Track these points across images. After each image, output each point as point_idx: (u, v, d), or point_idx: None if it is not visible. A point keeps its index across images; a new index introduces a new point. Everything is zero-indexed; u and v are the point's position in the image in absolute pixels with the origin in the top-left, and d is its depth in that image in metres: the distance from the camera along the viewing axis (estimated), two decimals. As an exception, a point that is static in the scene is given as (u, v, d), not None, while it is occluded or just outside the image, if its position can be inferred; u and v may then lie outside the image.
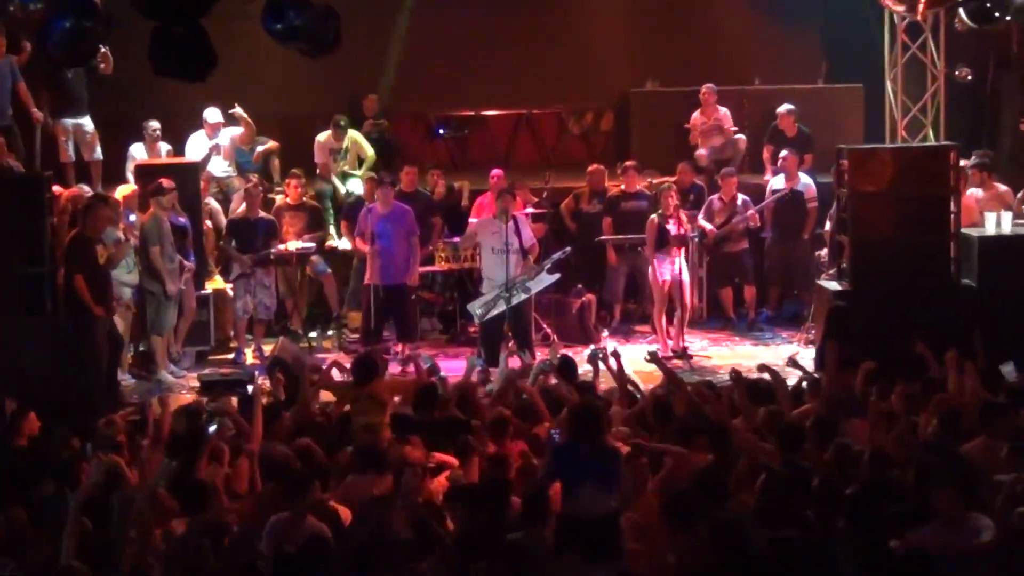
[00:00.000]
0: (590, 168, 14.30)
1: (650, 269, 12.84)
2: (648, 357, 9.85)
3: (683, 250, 12.66)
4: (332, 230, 13.85)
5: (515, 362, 10.46)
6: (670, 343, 12.77)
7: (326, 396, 9.70)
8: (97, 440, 7.85)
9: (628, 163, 14.05)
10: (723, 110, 15.05)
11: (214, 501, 6.86)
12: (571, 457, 6.97)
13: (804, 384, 9.68)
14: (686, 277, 12.67)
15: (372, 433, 8.30)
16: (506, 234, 11.90)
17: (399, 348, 12.63)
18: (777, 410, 8.33)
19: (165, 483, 7.14)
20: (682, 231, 12.61)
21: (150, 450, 7.60)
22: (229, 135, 14.24)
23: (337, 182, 14.26)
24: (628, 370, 9.71)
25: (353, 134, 14.53)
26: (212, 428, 7.61)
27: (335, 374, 9.78)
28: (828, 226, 13.17)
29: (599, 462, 6.92)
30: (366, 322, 12.50)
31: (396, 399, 8.96)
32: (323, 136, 14.50)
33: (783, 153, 13.91)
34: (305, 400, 8.93)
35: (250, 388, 9.78)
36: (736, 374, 8.92)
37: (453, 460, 7.62)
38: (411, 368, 9.87)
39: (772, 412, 8.23)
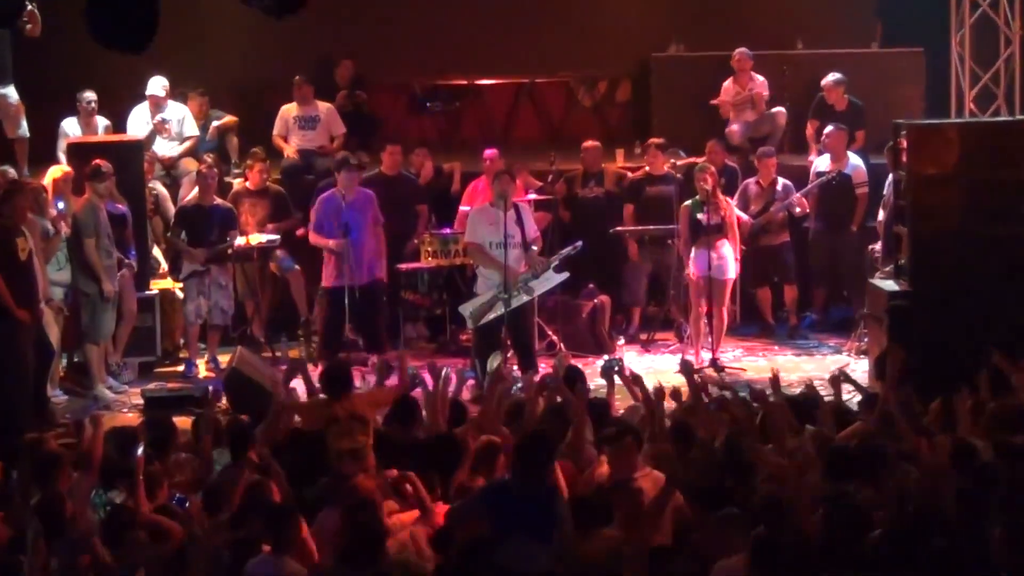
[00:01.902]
0: (584, 145, 14.29)
1: (688, 265, 12.81)
2: (680, 368, 9.79)
3: (724, 241, 12.62)
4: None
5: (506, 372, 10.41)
6: (704, 354, 12.76)
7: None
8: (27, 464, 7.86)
9: (654, 140, 14.05)
10: (760, 79, 15.06)
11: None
12: (501, 500, 6.98)
13: (854, 401, 9.67)
14: (731, 274, 12.66)
15: (358, 460, 8.31)
16: (505, 224, 11.89)
17: (373, 359, 12.62)
18: (822, 431, 8.31)
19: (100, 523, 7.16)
20: (720, 218, 12.58)
21: (80, 480, 7.58)
22: (178, 109, 14.22)
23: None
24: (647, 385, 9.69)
25: (327, 106, 14.59)
26: (139, 451, 7.61)
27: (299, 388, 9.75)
28: (882, 215, 13.17)
29: (534, 507, 6.90)
30: (330, 330, 12.50)
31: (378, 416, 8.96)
32: (288, 105, 14.54)
33: (828, 129, 13.90)
34: (275, 422, 8.91)
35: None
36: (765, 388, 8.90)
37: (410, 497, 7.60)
38: (393, 380, 9.89)
39: (817, 434, 8.22)
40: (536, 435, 7.44)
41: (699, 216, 12.72)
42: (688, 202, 12.88)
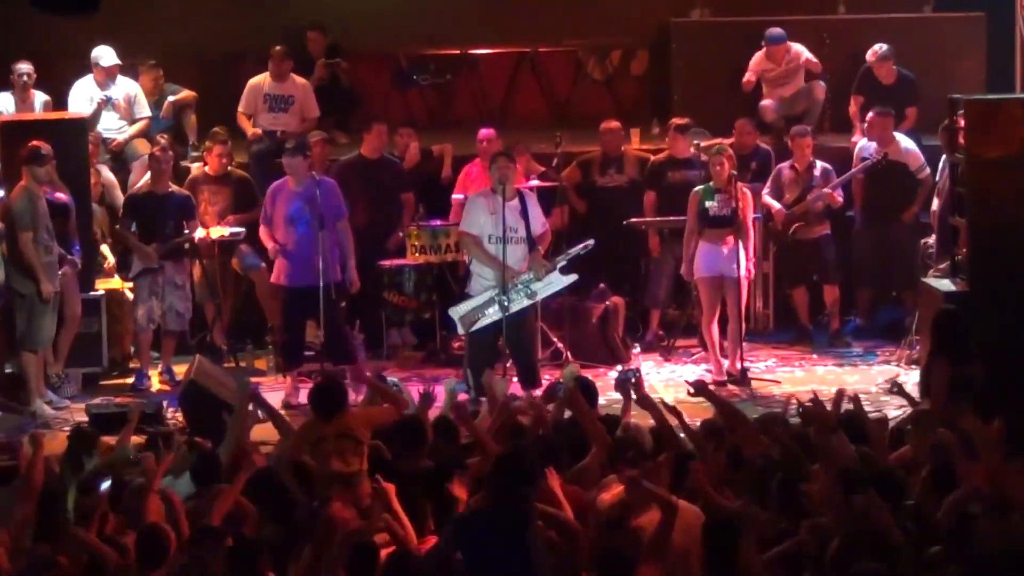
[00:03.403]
0: (604, 125, 14.24)
1: (686, 258, 12.81)
2: (692, 390, 9.72)
3: (736, 236, 12.62)
4: None
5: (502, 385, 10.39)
6: (724, 363, 12.77)
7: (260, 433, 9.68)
8: None
9: (675, 121, 14.02)
10: (797, 48, 15.03)
11: None
12: (476, 530, 6.94)
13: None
14: (744, 271, 12.64)
15: (352, 486, 8.30)
16: (504, 215, 11.86)
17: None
18: (870, 453, 8.30)
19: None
20: (732, 209, 12.55)
21: (19, 507, 7.58)
22: (127, 83, 14.21)
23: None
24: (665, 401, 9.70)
25: (303, 83, 14.61)
26: (105, 485, 7.61)
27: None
28: (936, 205, 13.14)
29: (512, 539, 6.86)
30: (288, 338, 12.48)
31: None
32: (260, 78, 14.54)
33: (871, 115, 13.81)
34: (238, 442, 8.90)
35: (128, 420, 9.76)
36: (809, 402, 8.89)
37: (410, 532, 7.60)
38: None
39: (865, 456, 8.21)
40: (514, 452, 7.37)
41: (708, 204, 12.69)
42: (699, 187, 12.84)
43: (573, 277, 12.28)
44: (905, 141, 13.88)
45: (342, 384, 9.29)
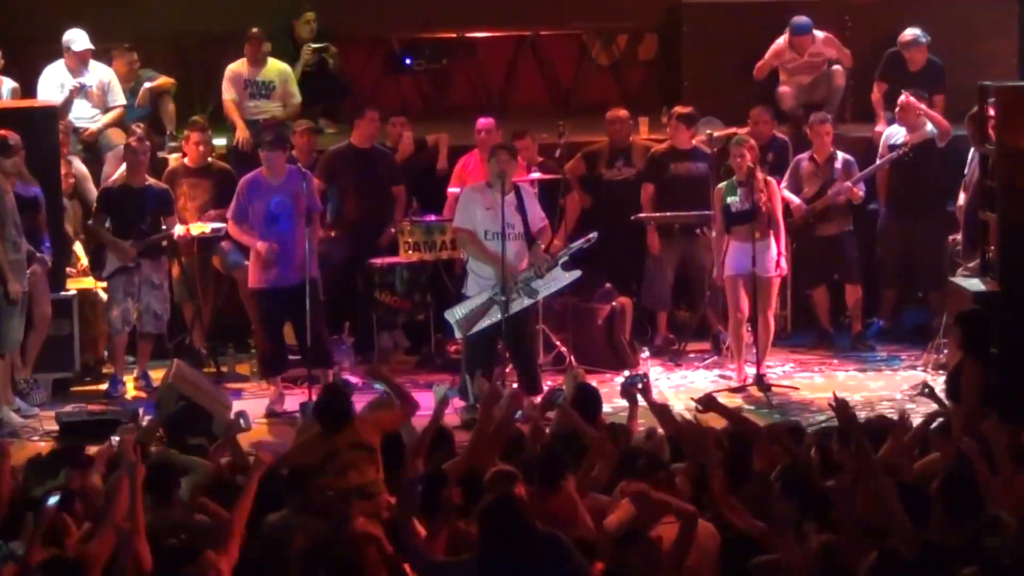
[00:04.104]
0: (610, 114, 14.26)
1: (718, 261, 12.81)
2: (699, 407, 9.56)
3: (762, 232, 12.61)
4: None
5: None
6: (748, 369, 12.76)
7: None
8: None
9: (677, 109, 14.03)
10: (824, 39, 14.95)
11: None
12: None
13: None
14: (775, 270, 12.64)
15: (370, 497, 8.32)
16: (503, 210, 11.88)
17: (345, 373, 12.67)
18: (894, 463, 8.30)
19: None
20: (755, 202, 12.56)
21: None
22: (101, 69, 14.21)
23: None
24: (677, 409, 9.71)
25: (282, 68, 14.61)
26: (52, 500, 7.62)
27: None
28: (963, 199, 13.15)
29: None
30: (270, 343, 12.49)
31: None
32: (238, 64, 14.55)
33: (903, 98, 13.83)
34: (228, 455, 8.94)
35: (113, 439, 9.78)
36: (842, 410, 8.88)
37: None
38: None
39: (890, 466, 8.20)
40: (504, 499, 7.20)
41: (730, 200, 12.69)
42: (722, 184, 12.84)
43: (576, 273, 12.26)
44: (935, 130, 13.85)
45: (347, 392, 9.29)
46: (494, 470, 7.98)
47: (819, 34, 14.99)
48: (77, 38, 14.07)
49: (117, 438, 9.94)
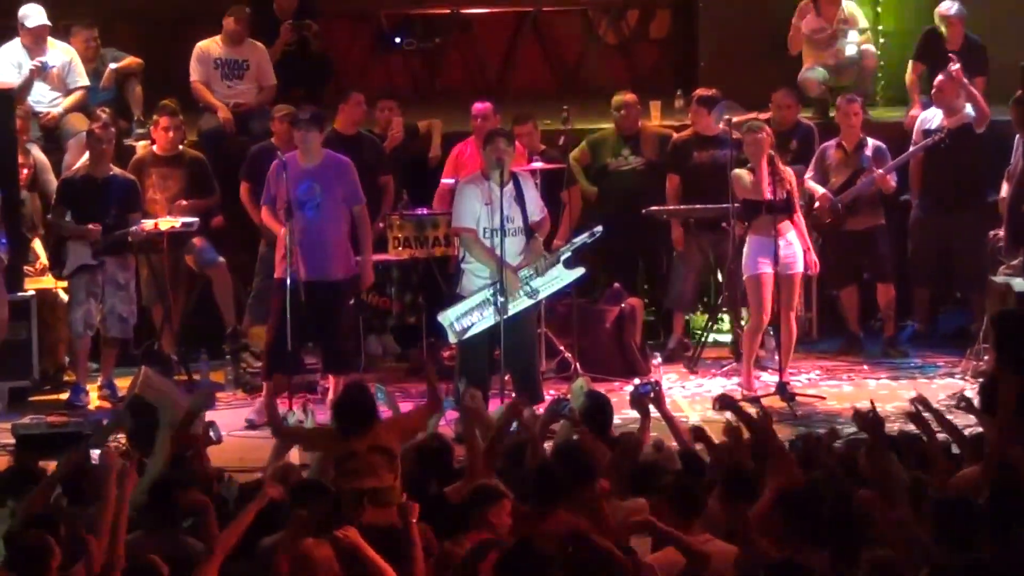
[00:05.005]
0: (617, 98, 14.23)
1: (744, 256, 12.77)
2: (717, 404, 9.70)
3: (788, 224, 12.60)
4: None
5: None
6: (765, 376, 12.77)
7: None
8: None
9: (702, 91, 14.03)
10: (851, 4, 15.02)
11: None
12: None
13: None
14: (801, 267, 12.63)
15: (384, 504, 8.34)
16: (501, 203, 11.86)
17: (329, 382, 12.64)
18: (925, 478, 8.30)
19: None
20: (785, 193, 12.53)
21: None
22: (62, 48, 14.20)
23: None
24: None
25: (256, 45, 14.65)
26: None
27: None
28: (1005, 190, 13.15)
29: None
30: (275, 341, 12.47)
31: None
32: (208, 42, 14.55)
33: (941, 79, 13.83)
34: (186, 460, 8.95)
35: (94, 452, 9.76)
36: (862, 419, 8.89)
37: None
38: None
39: (919, 482, 8.20)
40: (525, 544, 7.17)
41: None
42: (741, 171, 12.73)
43: (580, 271, 12.24)
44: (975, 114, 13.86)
45: (369, 393, 9.28)
46: (477, 484, 8.05)
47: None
48: (32, 13, 14.03)
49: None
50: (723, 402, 9.60)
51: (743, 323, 13.18)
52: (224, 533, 7.65)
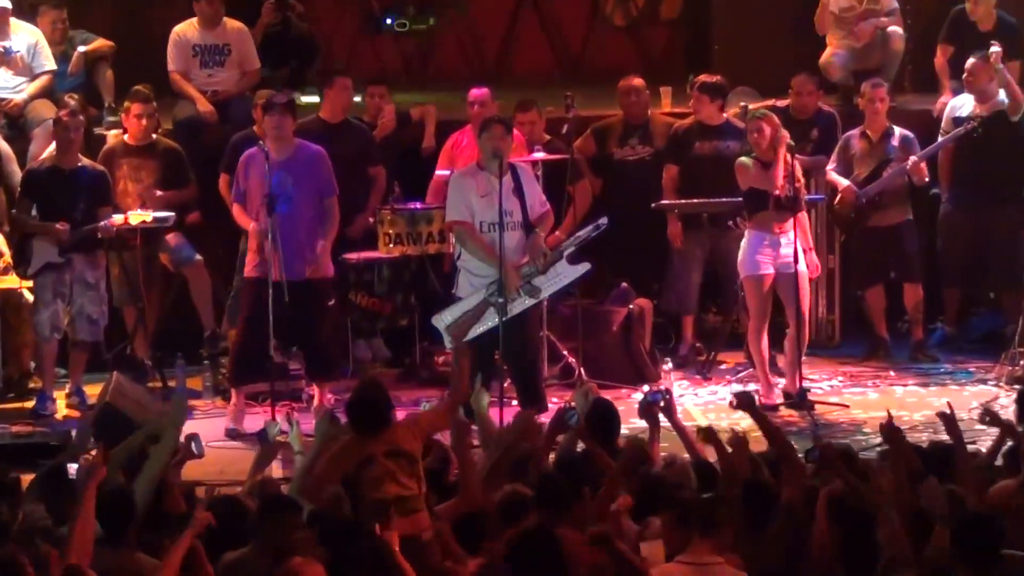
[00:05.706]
0: (624, 83, 14.25)
1: (742, 252, 12.78)
2: (734, 401, 9.73)
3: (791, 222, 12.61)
4: None
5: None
6: (780, 382, 12.76)
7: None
8: None
9: (704, 77, 14.02)
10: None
11: None
12: None
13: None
14: (800, 265, 12.62)
15: (412, 514, 8.39)
16: (500, 195, 11.85)
17: (312, 390, 12.66)
18: (957, 492, 8.29)
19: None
20: (794, 189, 12.53)
21: None
22: (27, 31, 14.19)
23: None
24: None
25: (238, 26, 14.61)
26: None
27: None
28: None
29: None
30: (247, 343, 12.47)
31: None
32: (185, 25, 14.53)
33: (972, 62, 13.84)
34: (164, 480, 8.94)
35: (72, 467, 9.76)
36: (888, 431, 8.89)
37: None
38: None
39: (951, 495, 8.19)
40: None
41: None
42: (745, 159, 12.72)
43: (585, 266, 12.20)
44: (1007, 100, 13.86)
45: (385, 391, 9.28)
46: (509, 490, 8.16)
47: None
48: (-3, -6, 14.08)
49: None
50: (741, 400, 9.62)
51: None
52: (166, 559, 7.68)
